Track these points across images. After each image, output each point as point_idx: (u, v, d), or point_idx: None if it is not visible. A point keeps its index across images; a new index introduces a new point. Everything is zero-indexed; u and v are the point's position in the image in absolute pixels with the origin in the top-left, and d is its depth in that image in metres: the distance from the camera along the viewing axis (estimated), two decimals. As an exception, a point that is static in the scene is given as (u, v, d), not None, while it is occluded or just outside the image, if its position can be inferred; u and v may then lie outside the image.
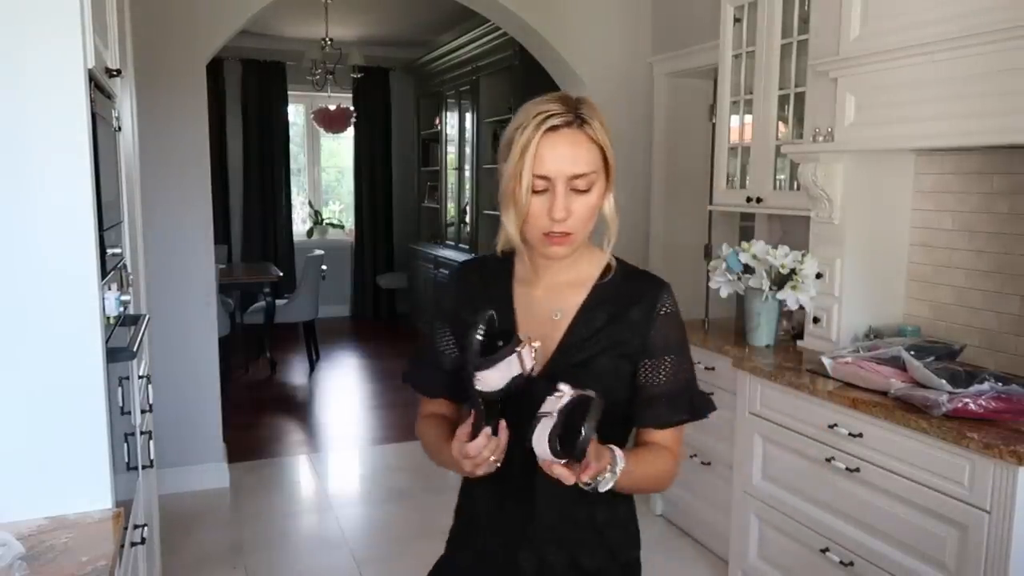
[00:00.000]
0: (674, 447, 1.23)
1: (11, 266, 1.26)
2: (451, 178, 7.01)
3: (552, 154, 1.12)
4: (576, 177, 1.13)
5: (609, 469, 1.05)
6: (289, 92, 7.48)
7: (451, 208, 7.04)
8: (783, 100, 2.96)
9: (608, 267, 1.24)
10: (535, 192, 1.14)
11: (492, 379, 1.05)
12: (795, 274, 2.64)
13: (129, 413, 1.68)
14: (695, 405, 1.23)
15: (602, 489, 1.05)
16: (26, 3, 1.23)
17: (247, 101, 7.37)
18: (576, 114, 1.15)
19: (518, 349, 1.06)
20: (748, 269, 2.74)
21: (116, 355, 1.42)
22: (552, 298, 1.23)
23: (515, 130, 1.14)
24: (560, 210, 1.12)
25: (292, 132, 7.78)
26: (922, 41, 2.17)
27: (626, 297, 1.21)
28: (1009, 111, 1.98)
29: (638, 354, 1.19)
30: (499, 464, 1.09)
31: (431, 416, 1.32)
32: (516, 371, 1.06)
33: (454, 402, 1.32)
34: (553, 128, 1.13)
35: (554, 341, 1.20)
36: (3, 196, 1.24)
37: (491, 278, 1.28)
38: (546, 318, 1.22)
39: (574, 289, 1.22)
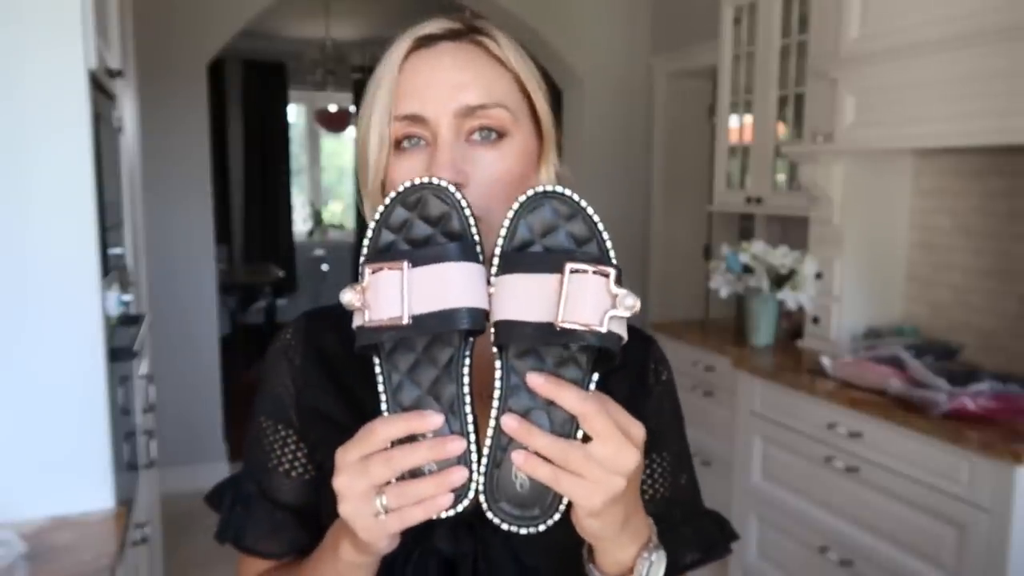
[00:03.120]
0: None
1: (13, 266, 1.27)
2: (451, 178, 7.00)
3: (424, 75, 0.66)
4: (471, 112, 0.65)
5: (652, 537, 0.63)
6: (289, 92, 7.49)
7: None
8: (783, 100, 2.97)
9: None
10: (400, 149, 0.67)
11: (378, 302, 0.54)
12: (795, 274, 2.64)
13: (130, 413, 1.68)
14: (708, 535, 0.77)
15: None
16: (28, 4, 1.24)
17: (248, 101, 7.38)
18: (469, 26, 0.70)
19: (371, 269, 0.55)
20: (748, 269, 2.75)
21: (117, 355, 1.43)
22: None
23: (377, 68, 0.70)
24: (445, 165, 0.63)
25: (292, 132, 7.78)
26: (921, 42, 2.17)
27: None
28: (1008, 111, 1.98)
29: None
30: (459, 506, 0.55)
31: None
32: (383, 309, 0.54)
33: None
34: (427, 41, 0.68)
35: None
36: (5, 196, 1.25)
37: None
38: None
39: None
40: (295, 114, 7.88)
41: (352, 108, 7.33)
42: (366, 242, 0.56)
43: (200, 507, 0.84)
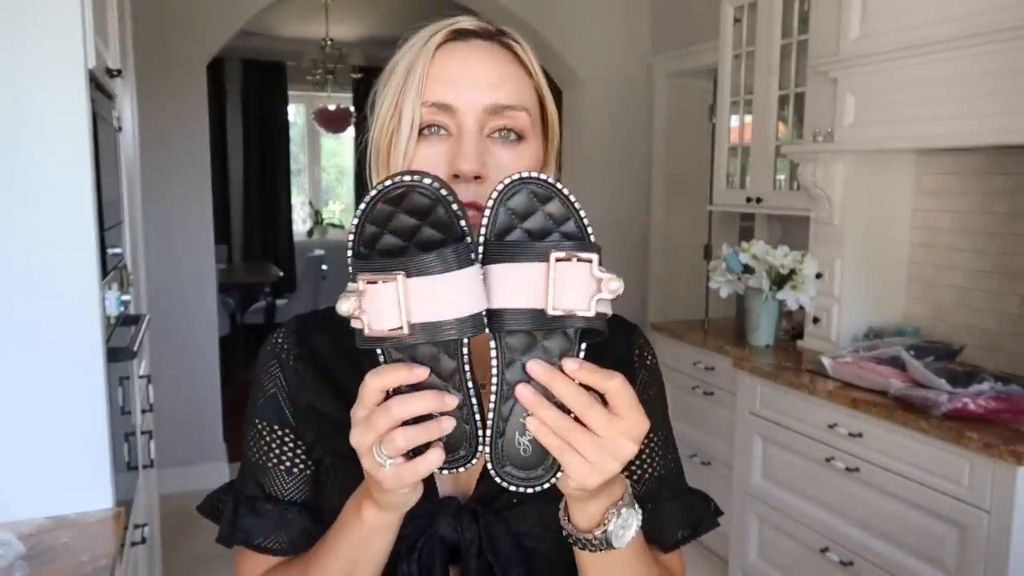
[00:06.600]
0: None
1: (11, 265, 1.26)
2: (451, 178, 7.00)
3: (458, 67, 0.68)
4: (498, 112, 0.67)
5: (624, 500, 0.63)
6: (289, 92, 7.48)
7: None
8: (783, 100, 2.96)
9: None
10: (424, 135, 0.67)
11: (439, 300, 0.55)
12: (795, 274, 2.64)
13: (130, 413, 1.68)
14: (696, 511, 0.80)
15: (618, 538, 0.62)
16: (27, 3, 1.24)
17: (247, 101, 7.37)
18: (497, 28, 0.73)
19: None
20: (748, 269, 2.75)
21: (117, 355, 1.42)
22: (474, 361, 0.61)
23: (399, 55, 0.71)
24: (471, 156, 0.65)
25: (292, 132, 7.78)
26: (922, 41, 2.17)
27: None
28: (1010, 111, 1.98)
29: None
30: (466, 466, 0.59)
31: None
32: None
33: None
34: (460, 35, 0.70)
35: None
36: (4, 196, 1.25)
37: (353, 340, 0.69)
38: None
39: None
40: (295, 114, 7.87)
41: (352, 108, 7.33)
42: (350, 237, 0.57)
43: (199, 507, 0.84)
